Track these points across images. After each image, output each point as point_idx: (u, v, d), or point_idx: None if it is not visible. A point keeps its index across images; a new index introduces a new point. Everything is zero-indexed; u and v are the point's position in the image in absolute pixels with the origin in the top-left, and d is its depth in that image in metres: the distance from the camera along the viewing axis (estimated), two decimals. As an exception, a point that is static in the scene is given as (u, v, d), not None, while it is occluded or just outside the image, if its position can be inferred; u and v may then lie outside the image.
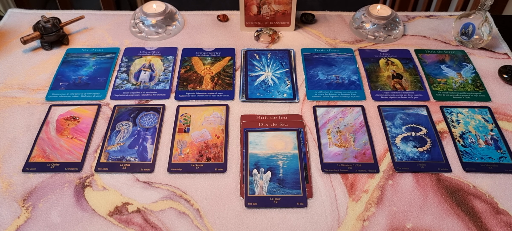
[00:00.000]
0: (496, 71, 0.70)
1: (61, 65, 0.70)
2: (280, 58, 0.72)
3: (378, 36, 0.76)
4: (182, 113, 0.62)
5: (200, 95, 0.65)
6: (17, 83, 0.67)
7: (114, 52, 0.73)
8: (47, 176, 0.54)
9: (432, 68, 0.71)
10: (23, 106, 0.63)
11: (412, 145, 0.58)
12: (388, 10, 0.76)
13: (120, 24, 0.80)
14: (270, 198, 0.51)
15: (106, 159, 0.55)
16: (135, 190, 0.52)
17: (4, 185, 0.52)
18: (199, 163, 0.55)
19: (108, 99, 0.64)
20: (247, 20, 0.77)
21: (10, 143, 0.57)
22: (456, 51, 0.74)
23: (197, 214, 0.50)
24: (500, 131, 0.60)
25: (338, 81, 0.68)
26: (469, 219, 0.50)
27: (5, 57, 0.72)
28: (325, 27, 0.80)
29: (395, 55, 0.73)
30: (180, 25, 0.79)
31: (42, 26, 0.70)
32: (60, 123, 0.60)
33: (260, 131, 0.59)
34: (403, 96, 0.65)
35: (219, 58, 0.72)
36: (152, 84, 0.67)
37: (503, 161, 0.56)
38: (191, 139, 0.58)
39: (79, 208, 0.50)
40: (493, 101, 0.65)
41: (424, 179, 0.54)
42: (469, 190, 0.53)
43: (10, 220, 0.49)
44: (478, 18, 0.73)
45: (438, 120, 0.62)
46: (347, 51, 0.74)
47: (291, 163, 0.55)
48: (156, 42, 0.76)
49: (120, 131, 0.59)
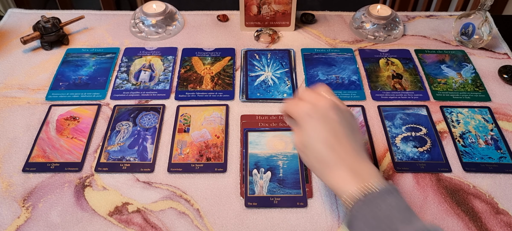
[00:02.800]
0: (496, 71, 0.70)
1: (61, 65, 0.70)
2: (280, 58, 0.72)
3: (378, 36, 0.76)
4: (182, 113, 0.62)
5: (200, 95, 0.65)
6: (17, 83, 0.67)
7: (114, 52, 0.73)
8: (47, 176, 0.54)
9: (432, 68, 0.71)
10: (23, 106, 0.63)
11: (412, 145, 0.58)
12: (388, 10, 0.77)
13: (120, 24, 0.80)
14: (270, 198, 0.51)
15: (106, 159, 0.55)
16: (135, 190, 0.52)
17: (4, 185, 0.52)
18: (199, 163, 0.55)
19: (108, 99, 0.64)
20: (247, 20, 0.77)
21: (10, 143, 0.57)
22: (456, 51, 0.75)
23: (197, 214, 0.50)
24: (500, 131, 0.60)
25: (338, 81, 0.68)
26: (469, 219, 0.50)
27: (5, 57, 0.72)
28: (325, 27, 0.80)
29: (395, 55, 0.73)
30: (180, 25, 0.79)
31: (42, 26, 0.70)
32: (60, 123, 0.60)
33: (260, 131, 0.59)
34: (403, 96, 0.65)
35: (219, 58, 0.72)
36: (152, 84, 0.67)
37: (503, 161, 0.56)
38: (191, 139, 0.58)
39: (79, 208, 0.50)
40: (493, 101, 0.65)
41: (424, 179, 0.54)
42: (469, 190, 0.53)
43: (10, 220, 0.49)
44: (478, 18, 0.73)
45: (438, 119, 0.62)
46: (347, 51, 0.74)
47: (291, 163, 0.55)
48: (156, 42, 0.76)
49: (120, 131, 0.59)
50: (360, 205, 0.39)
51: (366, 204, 0.39)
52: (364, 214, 0.39)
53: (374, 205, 0.39)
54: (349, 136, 0.44)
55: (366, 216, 0.39)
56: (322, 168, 0.43)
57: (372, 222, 0.38)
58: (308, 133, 0.43)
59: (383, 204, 0.39)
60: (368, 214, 0.39)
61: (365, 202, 0.39)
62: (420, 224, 0.38)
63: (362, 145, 0.45)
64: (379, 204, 0.39)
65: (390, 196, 0.40)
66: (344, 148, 0.43)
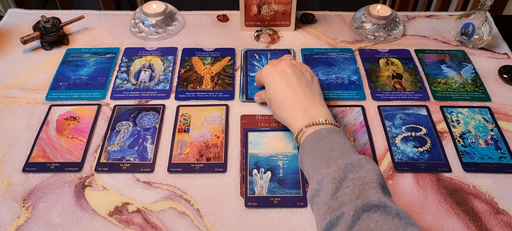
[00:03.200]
0: (496, 71, 0.70)
1: (61, 65, 0.70)
2: (280, 58, 0.72)
3: (378, 36, 0.76)
4: (182, 113, 0.62)
5: (200, 95, 0.65)
6: (17, 83, 0.67)
7: (114, 52, 0.73)
8: (47, 176, 0.54)
9: (432, 68, 0.71)
10: (23, 106, 0.63)
11: (412, 145, 0.58)
12: (388, 10, 0.77)
13: (120, 24, 0.80)
14: (270, 198, 0.51)
15: (106, 159, 0.55)
16: (135, 190, 0.52)
17: (4, 185, 0.52)
18: (199, 163, 0.55)
19: (108, 99, 0.64)
20: (247, 20, 0.77)
21: (10, 143, 0.57)
22: (456, 51, 0.75)
23: (197, 214, 0.50)
24: (500, 131, 0.60)
25: (338, 81, 0.68)
26: (469, 219, 0.50)
27: (5, 57, 0.72)
28: (325, 27, 0.80)
29: (395, 55, 0.73)
30: (180, 25, 0.79)
31: (42, 26, 0.70)
32: (60, 123, 0.60)
33: (260, 131, 0.59)
34: (403, 96, 0.65)
35: (219, 58, 0.72)
36: (152, 84, 0.67)
37: (503, 161, 0.56)
38: (191, 139, 0.58)
39: (79, 208, 0.50)
40: (493, 101, 0.65)
41: (424, 179, 0.54)
42: (469, 190, 0.53)
43: (10, 220, 0.49)
44: (478, 18, 0.73)
45: (438, 119, 0.62)
46: (347, 51, 0.74)
47: (291, 163, 0.55)
48: (156, 42, 0.76)
49: (120, 131, 0.59)
50: (308, 139, 0.47)
51: (312, 138, 0.47)
52: (310, 146, 0.47)
53: (319, 139, 0.46)
54: (303, 85, 0.53)
55: (311, 147, 0.46)
56: (285, 114, 0.52)
57: (316, 154, 0.45)
58: (271, 88, 0.54)
59: (327, 139, 0.46)
60: (313, 146, 0.46)
61: (313, 136, 0.47)
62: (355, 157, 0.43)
63: (317, 93, 0.54)
64: (323, 139, 0.46)
65: (334, 134, 0.47)
66: (299, 93, 0.52)
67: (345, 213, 0.39)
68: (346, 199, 0.39)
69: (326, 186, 0.42)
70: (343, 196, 0.40)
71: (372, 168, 0.42)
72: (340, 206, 0.39)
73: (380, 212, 0.37)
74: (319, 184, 0.43)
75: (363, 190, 0.39)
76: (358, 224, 0.37)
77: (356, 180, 0.41)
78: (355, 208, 0.38)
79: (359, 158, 0.43)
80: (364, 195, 0.39)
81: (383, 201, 0.38)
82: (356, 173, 0.41)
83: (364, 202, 0.38)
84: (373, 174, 0.41)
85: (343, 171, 0.42)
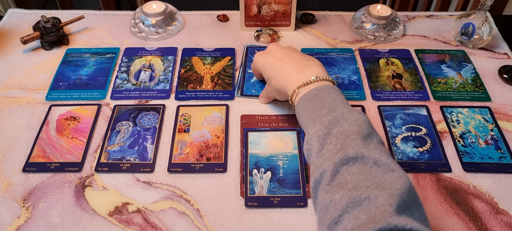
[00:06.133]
0: (496, 71, 0.70)
1: (61, 65, 0.70)
2: (280, 58, 0.72)
3: (378, 36, 0.76)
4: (182, 113, 0.62)
5: (200, 95, 0.65)
6: (17, 83, 0.67)
7: (114, 52, 0.73)
8: (47, 176, 0.54)
9: (432, 68, 0.71)
10: (23, 106, 0.63)
11: (412, 145, 0.58)
12: (388, 10, 0.77)
13: (120, 24, 0.80)
14: (270, 198, 0.51)
15: (106, 159, 0.55)
16: (135, 190, 0.52)
17: (4, 185, 0.52)
18: (199, 163, 0.55)
19: (108, 99, 0.64)
20: (247, 20, 0.77)
21: (10, 143, 0.57)
22: (456, 51, 0.75)
23: (197, 214, 0.50)
24: (500, 131, 0.60)
25: (338, 81, 0.68)
26: (469, 219, 0.50)
27: (5, 57, 0.72)
28: (325, 27, 0.80)
29: (395, 55, 0.73)
30: (180, 25, 0.79)
31: (42, 26, 0.70)
32: (60, 123, 0.60)
33: (260, 131, 0.59)
34: (403, 96, 0.65)
35: (219, 58, 0.72)
36: (152, 84, 0.67)
37: (503, 161, 0.56)
38: (191, 139, 0.58)
39: (79, 208, 0.50)
40: (493, 101, 0.65)
41: (424, 179, 0.54)
42: (469, 190, 0.53)
43: (10, 220, 0.49)
44: (478, 18, 0.73)
45: (438, 119, 0.62)
46: (347, 51, 0.74)
47: (291, 163, 0.55)
48: (156, 42, 0.76)
49: (120, 131, 0.59)
50: (300, 102, 0.49)
51: (303, 99, 0.49)
52: (302, 108, 0.48)
53: (309, 100, 0.48)
54: (294, 52, 0.56)
55: (303, 109, 0.48)
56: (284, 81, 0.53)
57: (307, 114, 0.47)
58: (266, 66, 0.57)
59: (316, 98, 0.47)
60: (305, 107, 0.48)
61: (303, 98, 0.49)
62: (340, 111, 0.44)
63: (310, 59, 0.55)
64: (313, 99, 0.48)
65: (325, 91, 0.48)
66: (292, 58, 0.54)
67: (326, 169, 0.39)
68: (329, 155, 0.40)
69: (314, 145, 0.43)
70: (326, 152, 0.41)
71: (355, 119, 0.42)
72: (323, 163, 0.40)
73: (358, 164, 0.38)
74: (309, 144, 0.45)
75: (343, 144, 0.40)
76: (337, 179, 0.38)
77: (339, 135, 0.42)
78: (334, 163, 0.39)
79: (344, 111, 0.44)
80: (343, 148, 0.40)
81: (360, 152, 0.38)
82: (340, 127, 0.42)
83: (342, 156, 0.39)
84: (355, 125, 0.42)
85: (327, 127, 0.43)
